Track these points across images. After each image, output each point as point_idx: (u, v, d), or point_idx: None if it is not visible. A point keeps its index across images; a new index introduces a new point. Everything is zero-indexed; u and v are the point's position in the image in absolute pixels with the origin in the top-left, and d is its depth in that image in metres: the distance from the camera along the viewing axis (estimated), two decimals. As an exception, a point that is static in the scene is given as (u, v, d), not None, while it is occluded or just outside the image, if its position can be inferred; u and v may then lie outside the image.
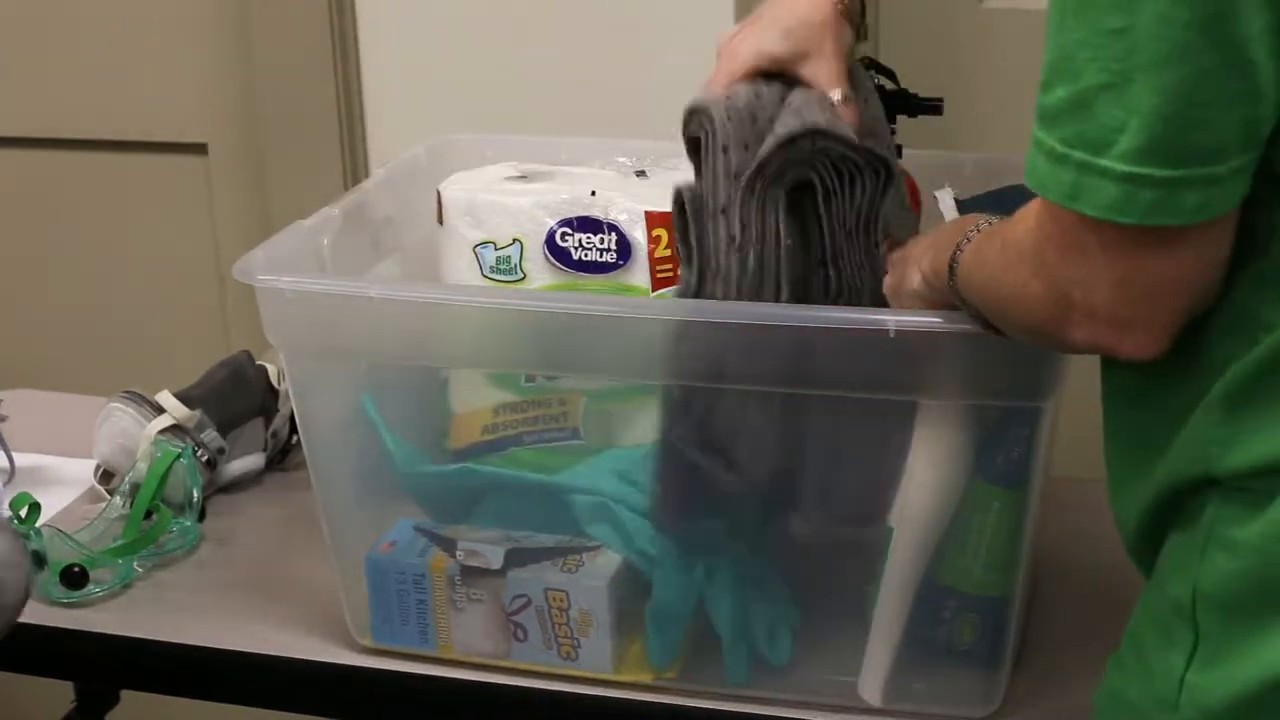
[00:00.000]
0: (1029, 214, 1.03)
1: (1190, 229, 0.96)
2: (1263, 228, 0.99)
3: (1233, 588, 1.00)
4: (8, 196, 2.51)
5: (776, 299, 1.28)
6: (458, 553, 1.40)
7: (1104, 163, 0.95)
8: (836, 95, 1.29)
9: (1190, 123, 0.93)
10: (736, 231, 1.26)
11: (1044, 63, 0.98)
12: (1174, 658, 1.03)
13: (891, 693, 1.35)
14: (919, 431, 1.29)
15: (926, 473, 1.29)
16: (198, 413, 1.69)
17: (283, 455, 1.79)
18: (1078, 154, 0.96)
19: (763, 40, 1.30)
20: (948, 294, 1.18)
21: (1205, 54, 0.92)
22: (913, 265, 1.23)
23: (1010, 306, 1.09)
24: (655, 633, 1.40)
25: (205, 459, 1.69)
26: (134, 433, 1.68)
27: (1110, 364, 1.11)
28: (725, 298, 1.28)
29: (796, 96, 1.29)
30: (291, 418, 1.73)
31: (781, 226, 1.27)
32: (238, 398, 1.75)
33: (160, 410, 1.69)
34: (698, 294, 1.29)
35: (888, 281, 1.28)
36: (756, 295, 1.27)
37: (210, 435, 1.70)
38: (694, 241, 1.29)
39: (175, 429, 1.68)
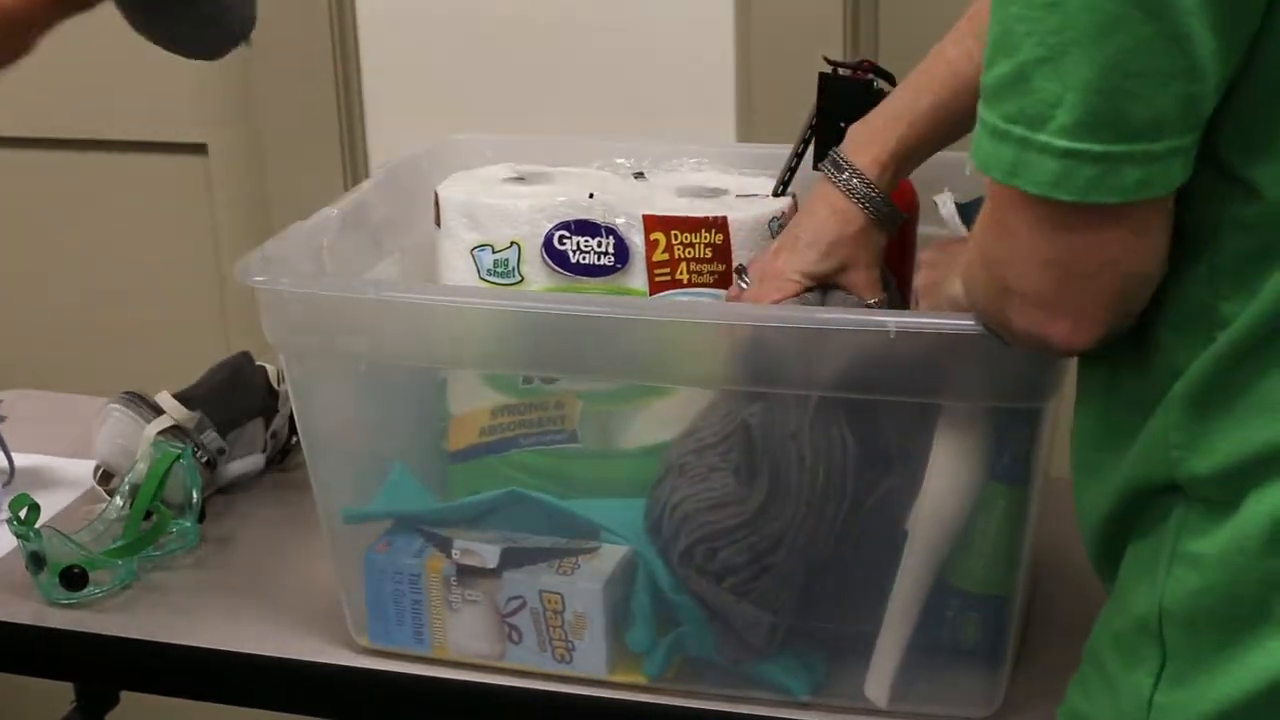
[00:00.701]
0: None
1: (1127, 209, 0.94)
2: (1210, 220, 0.97)
3: (1199, 604, 0.98)
4: (8, 196, 2.51)
5: (840, 507, 1.30)
6: (453, 551, 1.40)
7: (1042, 138, 0.93)
8: (873, 302, 1.35)
9: (1126, 96, 0.91)
10: (807, 452, 1.29)
11: (986, 41, 0.97)
12: (1140, 677, 1.00)
13: (895, 694, 1.35)
14: (938, 436, 1.29)
15: (945, 478, 1.29)
16: (197, 413, 1.69)
17: (283, 455, 1.79)
18: (1018, 130, 0.94)
19: (806, 261, 1.34)
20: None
21: (1140, 26, 0.90)
22: (955, 275, 1.23)
23: (972, 300, 1.09)
24: (661, 655, 1.39)
25: (205, 460, 1.69)
26: (133, 434, 1.68)
27: (1078, 365, 1.09)
28: (794, 515, 1.30)
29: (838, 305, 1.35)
30: (291, 418, 1.73)
31: (847, 436, 1.30)
32: (237, 398, 1.74)
33: (160, 411, 1.69)
34: (763, 510, 1.31)
35: (920, 279, 1.29)
36: (823, 507, 1.30)
37: (210, 436, 1.70)
38: (764, 466, 1.31)
39: (175, 430, 1.68)
